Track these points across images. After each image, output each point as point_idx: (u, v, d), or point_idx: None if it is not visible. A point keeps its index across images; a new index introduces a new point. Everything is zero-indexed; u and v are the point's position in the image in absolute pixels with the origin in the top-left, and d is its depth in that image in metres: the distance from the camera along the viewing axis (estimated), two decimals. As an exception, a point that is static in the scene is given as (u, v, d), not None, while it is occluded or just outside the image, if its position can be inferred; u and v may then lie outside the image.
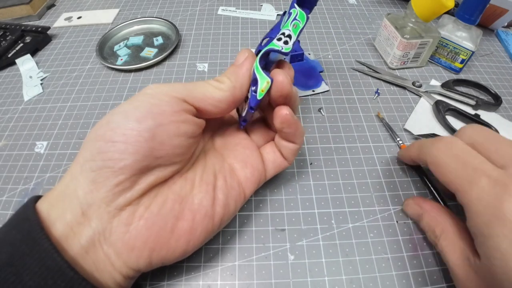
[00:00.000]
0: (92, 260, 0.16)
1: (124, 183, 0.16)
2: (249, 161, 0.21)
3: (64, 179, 0.17)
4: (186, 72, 0.37)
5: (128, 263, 0.17)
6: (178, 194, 0.18)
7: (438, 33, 0.34)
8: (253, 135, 0.23)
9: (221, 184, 0.20)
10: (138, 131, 0.16)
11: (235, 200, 0.20)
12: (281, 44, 0.19)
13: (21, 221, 0.16)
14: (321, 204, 0.25)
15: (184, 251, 0.18)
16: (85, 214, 0.16)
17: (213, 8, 0.47)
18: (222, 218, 0.19)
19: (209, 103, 0.19)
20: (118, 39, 0.42)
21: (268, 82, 0.19)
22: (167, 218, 0.17)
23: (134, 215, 0.17)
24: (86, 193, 0.16)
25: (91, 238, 0.16)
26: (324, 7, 0.47)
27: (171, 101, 0.17)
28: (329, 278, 0.21)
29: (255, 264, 0.22)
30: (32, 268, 0.14)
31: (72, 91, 0.35)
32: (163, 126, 0.17)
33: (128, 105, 0.17)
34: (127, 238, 0.16)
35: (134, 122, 0.16)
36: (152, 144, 0.16)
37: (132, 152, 0.16)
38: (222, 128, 0.23)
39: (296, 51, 0.35)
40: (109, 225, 0.16)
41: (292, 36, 0.19)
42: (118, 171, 0.16)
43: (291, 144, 0.22)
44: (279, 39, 0.19)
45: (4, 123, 0.33)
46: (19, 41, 0.41)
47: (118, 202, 0.16)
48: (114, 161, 0.16)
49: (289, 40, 0.19)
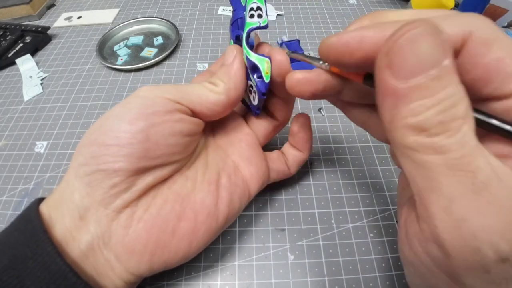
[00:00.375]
0: (92, 265, 0.16)
1: (120, 185, 0.16)
2: (253, 159, 0.21)
3: (61, 184, 0.17)
4: (186, 72, 0.37)
5: (128, 267, 0.16)
6: (178, 194, 0.18)
7: (438, 33, 0.34)
8: (254, 126, 0.23)
9: (225, 181, 0.19)
10: (131, 133, 0.16)
11: (240, 198, 0.20)
12: (256, 20, 0.18)
13: (24, 222, 0.15)
14: (321, 204, 0.25)
15: (186, 253, 0.18)
16: (83, 218, 0.16)
17: (213, 8, 0.47)
18: (227, 217, 0.19)
19: (204, 107, 0.18)
20: (118, 39, 0.42)
21: (267, 62, 0.18)
22: (168, 219, 0.17)
23: (133, 218, 0.16)
24: (83, 196, 0.16)
25: (90, 243, 0.16)
26: (324, 7, 0.47)
27: (164, 102, 0.17)
28: (329, 278, 0.21)
29: (255, 264, 0.22)
30: (34, 272, 0.14)
31: (72, 91, 0.35)
32: (157, 126, 0.17)
33: (120, 108, 0.17)
34: (127, 241, 0.16)
35: (126, 124, 0.16)
36: (146, 145, 0.16)
37: (125, 154, 0.16)
38: (222, 122, 0.22)
39: (296, 51, 0.35)
40: (108, 228, 0.16)
41: (261, 7, 0.18)
42: (112, 173, 0.16)
43: (299, 153, 0.23)
44: (252, 16, 0.18)
45: (4, 123, 0.33)
46: (19, 41, 0.41)
47: (116, 204, 0.16)
48: (107, 164, 0.16)
49: (261, 13, 0.18)
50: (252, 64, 0.18)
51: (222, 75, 0.19)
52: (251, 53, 0.18)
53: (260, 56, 0.18)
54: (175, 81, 0.36)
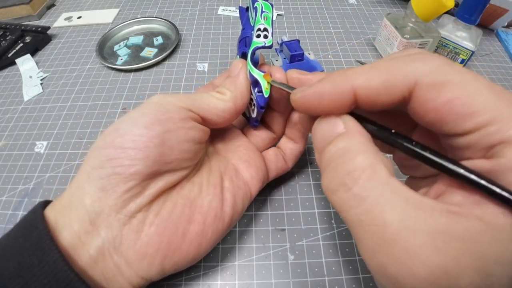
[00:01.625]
0: (101, 270, 0.16)
1: (134, 189, 0.16)
2: (252, 161, 0.22)
3: (70, 188, 0.17)
4: (186, 72, 0.37)
5: (139, 272, 0.16)
6: (187, 198, 0.18)
7: (438, 33, 0.34)
8: (253, 138, 0.24)
9: (228, 184, 0.20)
10: (148, 137, 0.16)
11: (243, 200, 0.20)
12: (262, 40, 0.20)
13: (29, 228, 0.15)
14: (321, 204, 0.25)
15: (196, 254, 0.18)
16: (93, 223, 0.16)
17: (213, 8, 0.47)
18: (231, 218, 0.19)
19: (214, 113, 0.19)
20: (118, 39, 0.42)
21: (267, 75, 0.20)
22: (178, 223, 0.17)
23: (145, 222, 0.16)
24: (94, 201, 0.16)
25: (101, 248, 0.16)
26: (324, 7, 0.47)
27: (178, 109, 0.18)
28: (329, 278, 0.21)
29: (255, 264, 0.22)
30: (41, 280, 0.14)
31: (72, 91, 0.35)
32: (172, 132, 0.17)
33: (136, 113, 0.17)
34: (139, 246, 0.16)
35: (143, 128, 0.16)
36: (161, 150, 0.17)
37: (142, 157, 0.16)
38: (221, 133, 0.23)
39: (296, 51, 0.35)
40: (119, 233, 0.16)
41: (267, 28, 0.20)
42: (128, 177, 0.16)
43: (295, 146, 0.23)
44: (258, 35, 0.20)
45: (4, 123, 0.33)
46: (19, 41, 0.41)
47: (128, 209, 0.16)
48: (124, 167, 0.16)
49: (267, 34, 0.20)
50: (254, 79, 0.20)
51: (228, 85, 0.21)
52: (254, 69, 0.20)
53: (262, 72, 0.20)
54: (175, 81, 0.36)
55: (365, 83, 0.13)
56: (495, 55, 0.40)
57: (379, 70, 0.13)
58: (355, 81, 0.13)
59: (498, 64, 0.38)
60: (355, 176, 0.12)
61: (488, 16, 0.41)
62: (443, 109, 0.12)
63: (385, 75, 0.13)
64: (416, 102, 0.13)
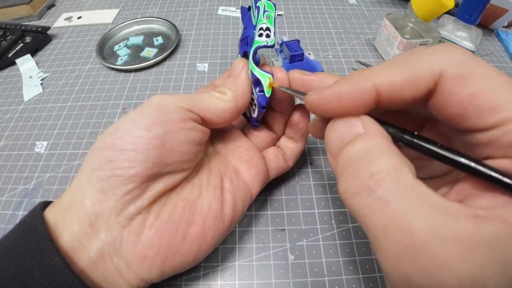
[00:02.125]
0: (101, 272, 0.16)
1: (133, 192, 0.16)
2: (253, 161, 0.22)
3: (70, 189, 0.17)
4: (186, 72, 0.37)
5: (139, 274, 0.16)
6: (187, 200, 0.18)
7: (438, 33, 0.34)
8: (253, 138, 0.24)
9: (228, 185, 0.20)
10: (148, 139, 0.16)
11: (243, 201, 0.20)
12: (264, 39, 0.20)
13: (28, 230, 0.15)
14: (321, 204, 0.25)
15: (196, 256, 0.18)
16: (93, 225, 0.16)
17: (213, 8, 0.47)
18: (232, 219, 0.19)
19: (214, 114, 0.19)
20: (118, 39, 0.42)
21: (270, 78, 0.19)
22: (178, 224, 0.17)
23: (145, 224, 0.16)
24: (94, 203, 0.16)
25: (100, 250, 0.15)
26: (324, 7, 0.47)
27: (178, 110, 0.18)
28: (329, 278, 0.21)
29: (255, 264, 0.22)
30: (41, 282, 0.14)
31: (72, 91, 0.35)
32: (172, 133, 0.17)
33: (136, 114, 0.17)
34: (139, 248, 0.16)
35: (143, 129, 0.16)
36: (161, 151, 0.16)
37: (142, 159, 0.16)
38: (220, 134, 0.23)
39: (296, 51, 0.35)
40: (119, 235, 0.16)
41: (270, 27, 0.20)
42: (127, 179, 0.16)
43: (295, 145, 0.23)
44: (260, 35, 0.20)
45: (4, 123, 0.33)
46: (19, 41, 0.41)
47: (128, 211, 0.16)
48: (123, 169, 0.16)
49: (269, 33, 0.20)
50: (256, 78, 0.20)
51: (229, 84, 0.20)
52: (255, 68, 0.20)
53: (264, 72, 0.20)
54: (175, 81, 0.36)
55: (388, 79, 0.13)
56: (495, 55, 0.40)
57: (401, 65, 0.13)
58: (377, 79, 0.13)
59: (498, 64, 0.38)
60: (379, 179, 0.11)
61: (488, 16, 0.41)
62: (466, 102, 0.11)
63: (408, 69, 0.12)
64: (440, 95, 0.12)
